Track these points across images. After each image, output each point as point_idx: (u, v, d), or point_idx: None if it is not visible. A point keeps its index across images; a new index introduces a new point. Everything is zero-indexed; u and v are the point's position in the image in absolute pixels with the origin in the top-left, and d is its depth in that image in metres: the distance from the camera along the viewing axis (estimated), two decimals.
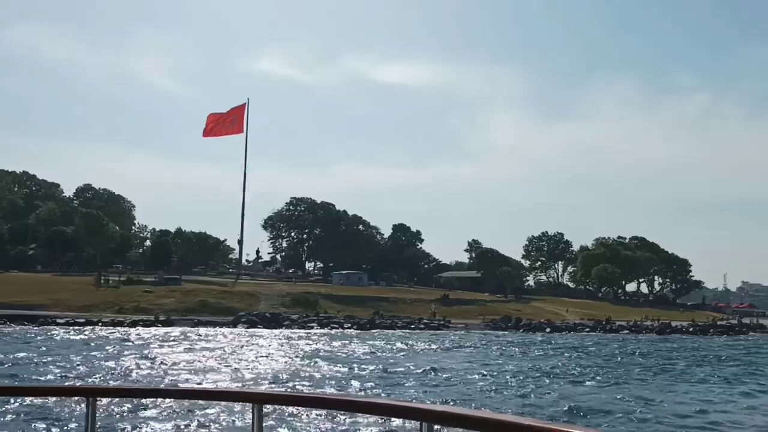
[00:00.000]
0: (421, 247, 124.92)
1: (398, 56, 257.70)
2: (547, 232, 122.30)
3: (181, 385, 20.31)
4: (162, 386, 18.30)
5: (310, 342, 43.77)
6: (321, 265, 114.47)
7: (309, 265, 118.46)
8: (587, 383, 25.69)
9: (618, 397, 21.45)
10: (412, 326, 64.23)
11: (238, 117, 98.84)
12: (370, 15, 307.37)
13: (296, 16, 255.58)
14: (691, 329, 74.82)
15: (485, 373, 27.54)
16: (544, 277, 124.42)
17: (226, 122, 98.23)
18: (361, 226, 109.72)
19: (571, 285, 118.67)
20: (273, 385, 22.45)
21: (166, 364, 27.30)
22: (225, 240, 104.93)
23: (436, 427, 2.49)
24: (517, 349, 42.94)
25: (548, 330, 68.99)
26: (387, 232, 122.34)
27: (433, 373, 27.06)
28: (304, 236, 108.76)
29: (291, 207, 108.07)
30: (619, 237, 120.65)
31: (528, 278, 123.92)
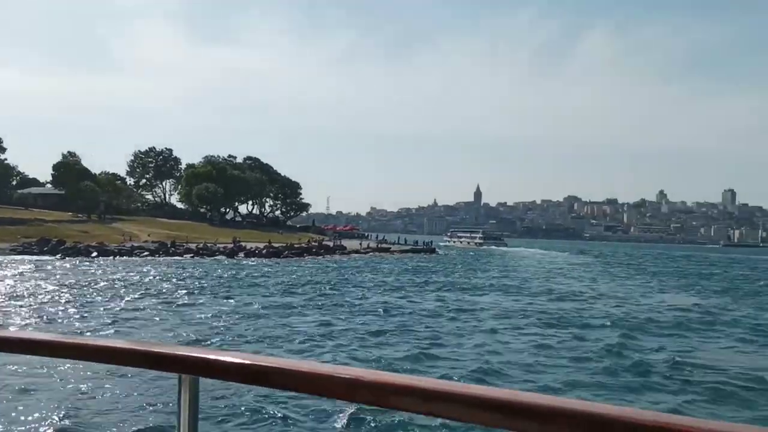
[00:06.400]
0: (4, 159, 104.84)
1: None
2: (154, 147, 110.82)
3: None
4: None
5: None
6: None
7: None
8: None
9: None
10: None
11: None
12: None
13: None
14: (265, 251, 71.67)
15: None
16: (150, 197, 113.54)
17: None
18: None
19: (179, 205, 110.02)
20: None
21: None
22: None
23: None
24: None
25: (95, 254, 59.38)
26: None
27: None
28: None
29: None
30: (230, 156, 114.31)
31: (137, 197, 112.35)
